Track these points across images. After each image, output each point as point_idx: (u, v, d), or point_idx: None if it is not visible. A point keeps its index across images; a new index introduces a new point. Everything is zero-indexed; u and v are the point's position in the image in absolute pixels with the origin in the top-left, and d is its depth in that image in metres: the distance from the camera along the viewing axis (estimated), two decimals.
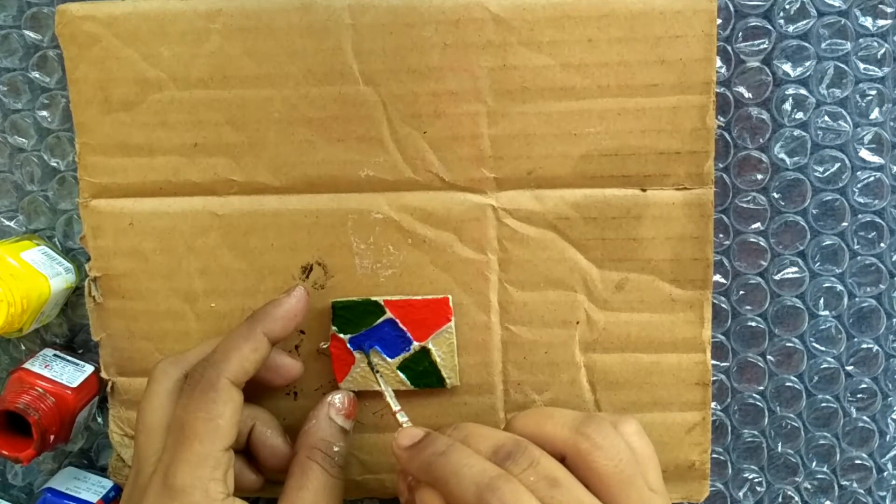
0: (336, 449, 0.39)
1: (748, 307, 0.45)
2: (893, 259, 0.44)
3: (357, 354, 0.42)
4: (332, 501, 0.38)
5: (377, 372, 0.42)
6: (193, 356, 0.39)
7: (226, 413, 0.35)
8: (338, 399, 0.41)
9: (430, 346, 0.42)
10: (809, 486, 0.46)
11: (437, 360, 0.42)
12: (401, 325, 0.42)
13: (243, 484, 0.40)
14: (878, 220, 0.43)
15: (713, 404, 0.45)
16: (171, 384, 0.38)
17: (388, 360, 0.42)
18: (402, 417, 0.40)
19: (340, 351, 0.42)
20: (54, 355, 0.45)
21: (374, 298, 0.42)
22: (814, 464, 0.46)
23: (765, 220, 0.44)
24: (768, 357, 0.45)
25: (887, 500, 0.46)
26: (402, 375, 0.42)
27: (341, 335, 0.42)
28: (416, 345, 0.42)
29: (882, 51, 0.42)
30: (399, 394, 0.42)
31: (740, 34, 0.42)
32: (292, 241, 0.43)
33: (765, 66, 0.42)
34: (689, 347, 0.42)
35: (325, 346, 0.43)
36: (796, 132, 0.43)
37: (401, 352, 0.42)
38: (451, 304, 0.42)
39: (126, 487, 0.37)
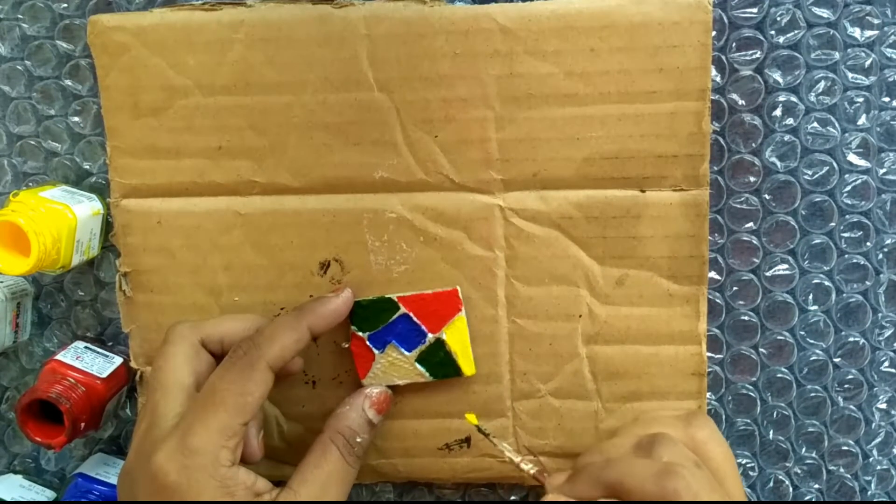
0: (359, 440, 0.40)
1: (741, 302, 0.46)
2: (879, 257, 0.45)
3: (378, 353, 0.43)
4: (342, 487, 0.38)
5: (488, 434, 0.42)
6: (210, 325, 0.41)
7: (256, 393, 0.37)
8: (375, 392, 0.42)
9: (443, 336, 0.43)
10: (799, 471, 0.47)
11: (452, 349, 0.43)
12: (415, 318, 0.43)
13: (245, 453, 0.40)
14: (864, 220, 0.44)
15: (708, 394, 0.46)
16: (189, 347, 0.39)
17: (406, 353, 0.43)
18: (525, 466, 0.41)
19: (361, 349, 0.43)
20: (85, 347, 0.46)
21: (388, 296, 0.43)
22: (803, 450, 0.47)
23: (757, 220, 0.45)
24: (760, 349, 0.46)
25: (872, 485, 0.47)
26: (420, 368, 0.43)
27: (360, 333, 0.43)
28: (430, 337, 0.43)
29: (869, 60, 0.43)
30: (413, 386, 0.44)
31: (734, 44, 0.43)
32: (311, 239, 0.44)
33: (757, 75, 0.44)
34: (686, 340, 0.43)
35: (346, 346, 0.44)
36: (787, 137, 0.44)
37: (417, 345, 0.43)
38: (460, 294, 0.43)
39: (136, 438, 0.38)
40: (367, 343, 0.43)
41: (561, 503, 0.36)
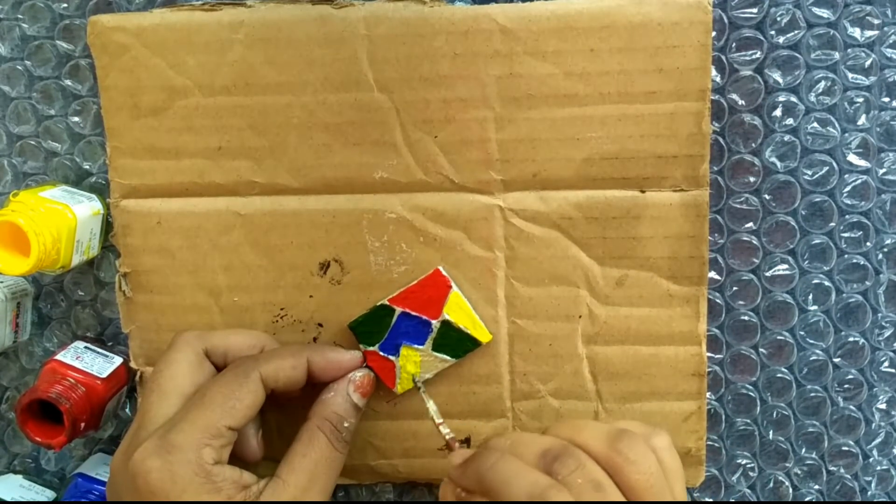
0: (346, 424, 0.39)
1: (741, 302, 0.46)
2: (879, 257, 0.45)
3: (395, 358, 0.43)
4: (331, 473, 0.38)
5: (420, 388, 0.43)
6: (217, 337, 0.41)
7: (245, 399, 0.37)
8: (358, 376, 0.41)
9: (446, 317, 0.43)
10: (799, 472, 0.47)
11: (460, 325, 0.43)
12: (413, 312, 0.43)
13: (245, 452, 0.41)
14: (864, 220, 0.44)
15: (708, 394, 0.46)
16: (193, 355, 0.40)
17: (420, 347, 0.43)
18: (444, 429, 0.42)
19: (378, 361, 0.43)
20: (85, 347, 0.46)
21: (380, 303, 0.43)
22: (803, 450, 0.47)
23: (757, 220, 0.45)
24: (760, 349, 0.46)
25: (873, 485, 0.47)
26: (440, 355, 0.43)
27: (370, 347, 0.43)
28: (435, 323, 0.43)
29: (869, 61, 0.43)
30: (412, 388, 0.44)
31: (734, 45, 0.43)
32: (311, 239, 0.44)
33: (757, 75, 0.44)
34: (686, 340, 0.43)
35: (366, 367, 0.42)
36: (787, 137, 0.44)
37: (427, 335, 0.43)
38: (443, 271, 0.43)
39: (124, 439, 0.38)
40: (381, 353, 0.43)
41: None
